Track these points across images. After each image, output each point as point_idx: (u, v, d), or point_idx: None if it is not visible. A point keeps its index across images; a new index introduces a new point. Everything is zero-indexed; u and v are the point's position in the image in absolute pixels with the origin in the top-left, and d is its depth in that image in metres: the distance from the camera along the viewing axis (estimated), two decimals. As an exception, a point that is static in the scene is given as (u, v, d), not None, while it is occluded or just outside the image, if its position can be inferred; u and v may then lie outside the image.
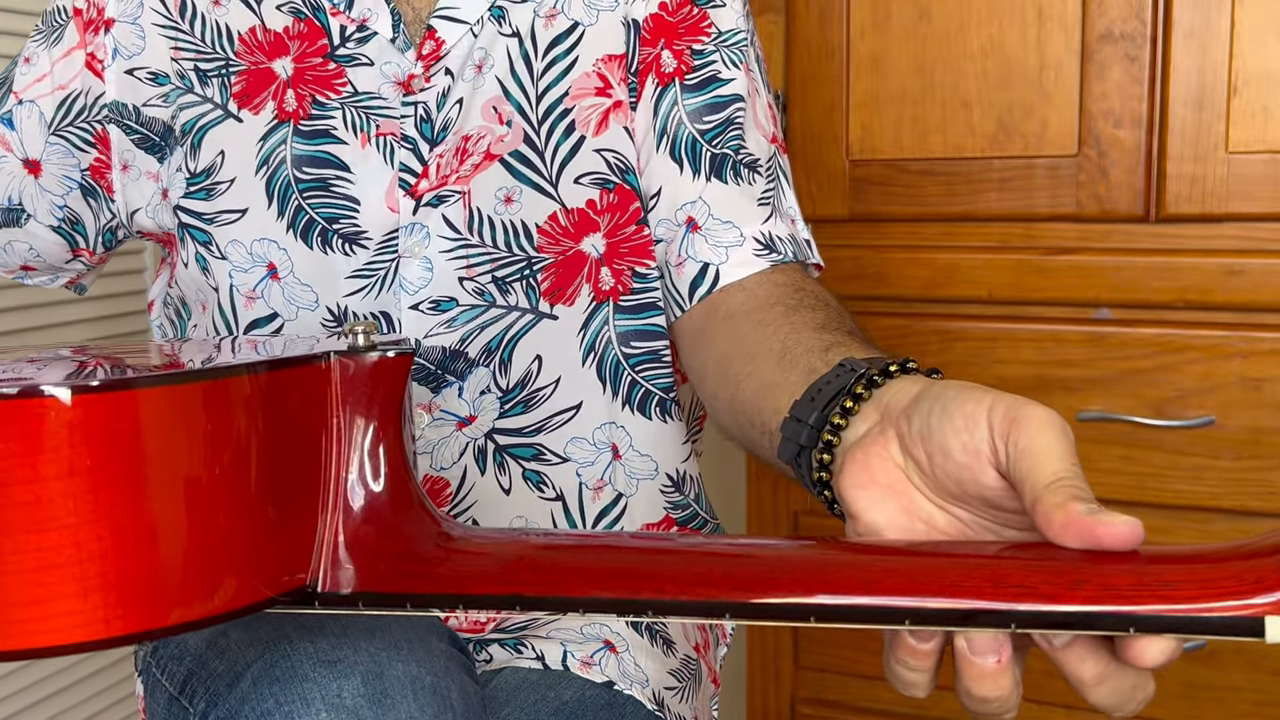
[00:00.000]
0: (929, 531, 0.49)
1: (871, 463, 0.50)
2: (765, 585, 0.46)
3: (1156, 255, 1.27)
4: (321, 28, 0.85)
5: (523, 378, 0.85)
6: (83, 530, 0.45)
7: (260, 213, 0.84)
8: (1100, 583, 0.42)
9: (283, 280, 0.84)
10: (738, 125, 0.86)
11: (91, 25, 0.87)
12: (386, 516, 0.53)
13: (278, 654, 0.63)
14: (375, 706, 0.61)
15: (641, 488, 0.90)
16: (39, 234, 0.91)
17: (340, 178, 0.83)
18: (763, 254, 0.83)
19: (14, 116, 0.89)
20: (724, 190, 0.84)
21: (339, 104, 0.83)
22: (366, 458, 0.54)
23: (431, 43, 0.83)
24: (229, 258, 0.85)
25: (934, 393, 0.48)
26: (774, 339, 0.69)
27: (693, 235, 0.84)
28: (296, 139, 0.83)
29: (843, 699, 1.48)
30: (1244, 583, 0.41)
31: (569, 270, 0.85)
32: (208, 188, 0.85)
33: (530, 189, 0.84)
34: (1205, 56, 1.22)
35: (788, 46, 1.41)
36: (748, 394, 0.68)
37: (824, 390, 0.55)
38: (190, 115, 0.85)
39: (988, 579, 0.43)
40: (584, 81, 0.85)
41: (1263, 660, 1.27)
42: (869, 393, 0.52)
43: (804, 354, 0.64)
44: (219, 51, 0.85)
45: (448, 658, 0.67)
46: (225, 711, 0.63)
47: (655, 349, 0.88)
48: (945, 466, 0.47)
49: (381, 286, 0.84)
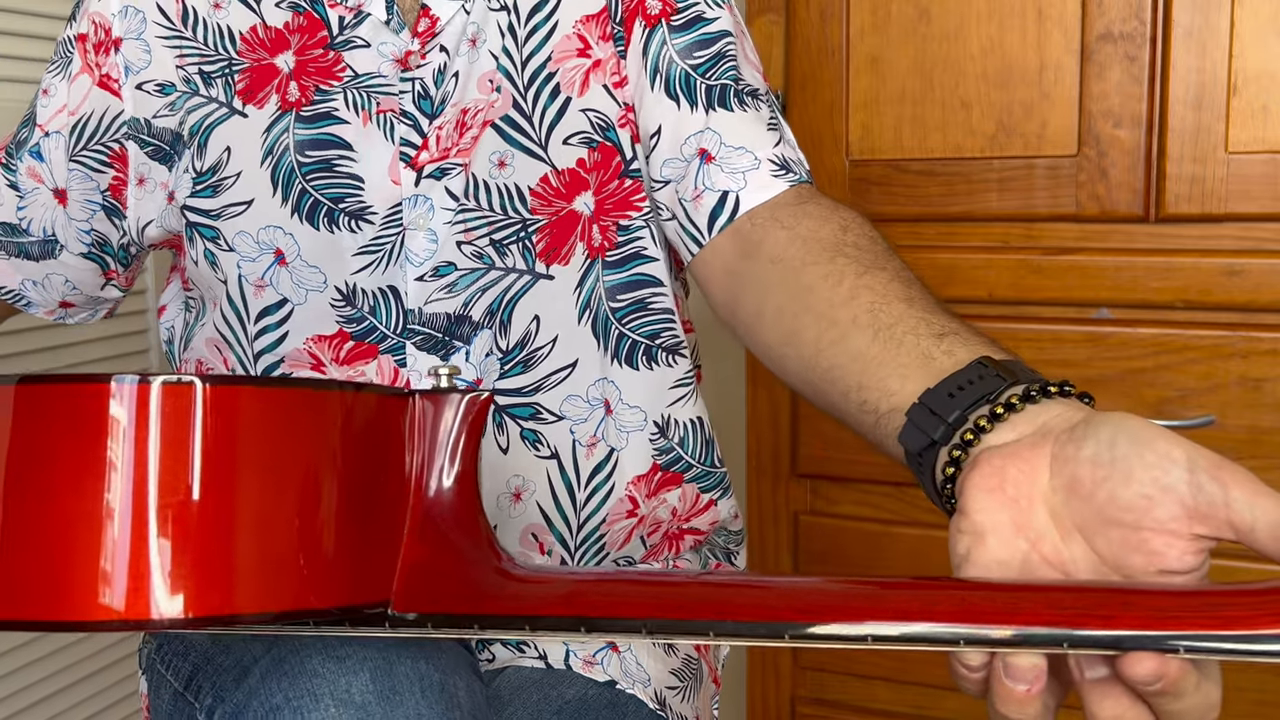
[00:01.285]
0: (1028, 550, 0.51)
1: (1008, 471, 0.51)
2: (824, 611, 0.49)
3: (1156, 255, 1.27)
4: (321, 19, 0.86)
5: (522, 338, 0.86)
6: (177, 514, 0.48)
7: (265, 201, 0.85)
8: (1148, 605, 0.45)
9: (290, 265, 0.85)
10: (730, 58, 0.86)
11: (101, 47, 0.88)
12: (459, 547, 0.56)
13: (285, 649, 0.63)
14: (384, 703, 0.61)
15: (631, 440, 0.90)
16: (72, 263, 0.93)
17: (344, 157, 0.84)
18: (780, 174, 0.82)
19: (42, 149, 0.91)
20: (731, 118, 0.84)
21: (340, 89, 0.85)
22: (444, 492, 0.57)
23: (426, 20, 0.85)
24: (236, 249, 0.86)
25: (1112, 422, 0.50)
26: (857, 305, 0.68)
27: (707, 166, 0.83)
28: (298, 125, 0.84)
29: (842, 699, 1.48)
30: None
31: (563, 230, 0.86)
32: (214, 184, 0.85)
33: (521, 153, 0.85)
34: (1205, 56, 1.22)
35: (788, 46, 1.41)
36: (835, 361, 0.68)
37: (966, 390, 0.56)
38: (197, 116, 0.86)
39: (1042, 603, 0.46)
40: (565, 44, 0.86)
41: (1262, 659, 1.27)
42: (1024, 406, 0.54)
43: (908, 334, 0.64)
44: (221, 52, 0.86)
45: (454, 655, 0.67)
46: (233, 706, 0.63)
47: (641, 298, 0.89)
48: (1118, 493, 0.49)
49: (388, 261, 0.85)
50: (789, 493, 1.48)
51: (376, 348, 0.85)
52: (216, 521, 0.48)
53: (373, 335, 0.85)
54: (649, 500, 0.90)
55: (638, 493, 0.90)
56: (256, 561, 0.49)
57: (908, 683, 1.44)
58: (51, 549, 0.47)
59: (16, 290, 0.95)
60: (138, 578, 0.47)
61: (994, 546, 0.51)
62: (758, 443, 1.50)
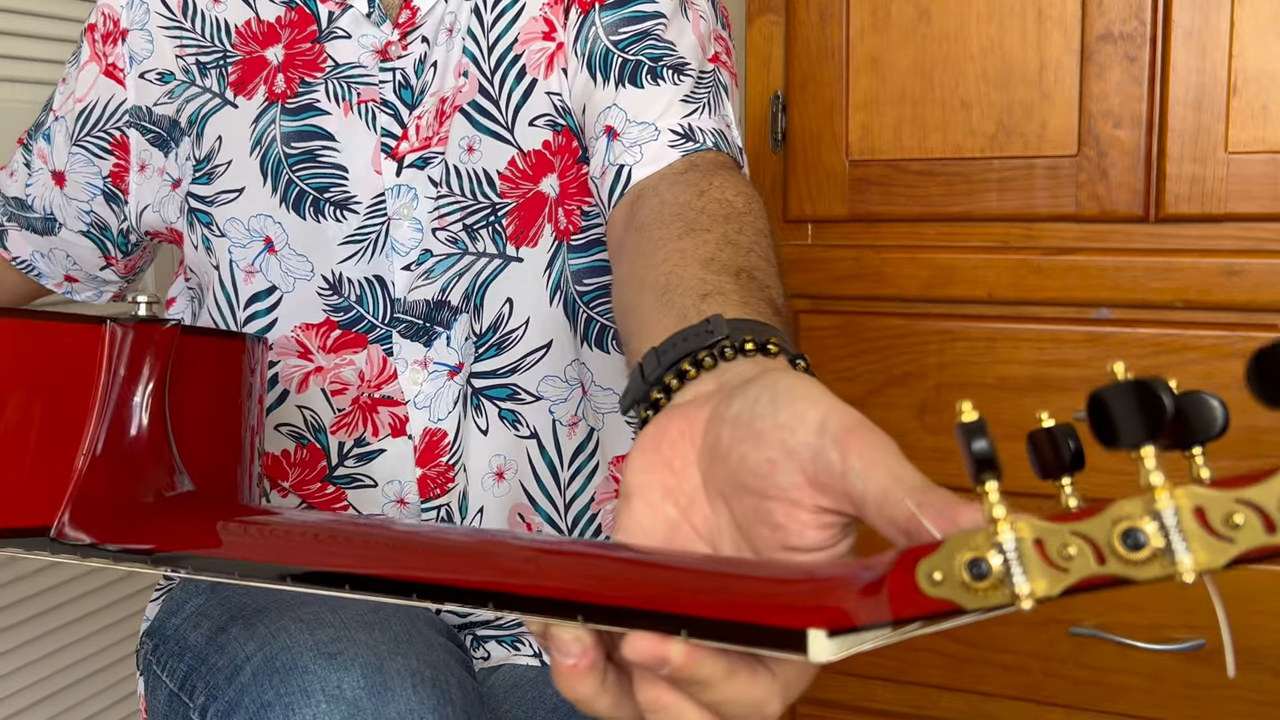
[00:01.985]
0: (678, 519, 0.46)
1: (668, 431, 0.47)
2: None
3: (1156, 255, 1.27)
4: (311, 14, 0.88)
5: (494, 321, 0.87)
6: None
7: (255, 190, 0.87)
8: (667, 584, 0.40)
9: (279, 253, 0.87)
10: (654, 35, 0.84)
11: (109, 38, 0.91)
12: (138, 475, 0.54)
13: (277, 647, 0.64)
14: (375, 699, 0.61)
15: (608, 421, 0.91)
16: (73, 240, 0.98)
17: (327, 147, 0.86)
18: (677, 143, 0.80)
19: (51, 132, 0.96)
20: (639, 94, 0.82)
21: (322, 80, 0.87)
22: (126, 419, 0.55)
23: (407, 12, 0.86)
24: (228, 235, 0.87)
25: (770, 380, 0.44)
26: (662, 267, 0.64)
27: (613, 142, 0.82)
28: (284, 117, 0.86)
29: (842, 699, 1.48)
30: (802, 595, 0.39)
31: (530, 212, 0.87)
32: (209, 172, 0.88)
33: (488, 137, 0.86)
34: (1205, 56, 1.22)
35: (788, 47, 1.41)
36: (628, 326, 0.64)
37: (678, 347, 0.51)
38: (194, 106, 0.89)
39: (581, 573, 0.42)
40: (532, 26, 0.87)
41: (1263, 660, 1.27)
42: (715, 363, 0.49)
43: (682, 295, 0.59)
44: (217, 44, 0.89)
45: (446, 652, 0.67)
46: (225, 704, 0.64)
47: (606, 283, 0.89)
48: (748, 456, 0.43)
49: (374, 250, 0.86)
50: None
51: (365, 337, 0.86)
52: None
53: (360, 324, 0.86)
54: None
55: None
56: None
57: (908, 683, 1.44)
58: None
59: (28, 260, 1.01)
60: None
61: (639, 510, 0.46)
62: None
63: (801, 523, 0.42)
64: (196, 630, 0.74)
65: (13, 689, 1.32)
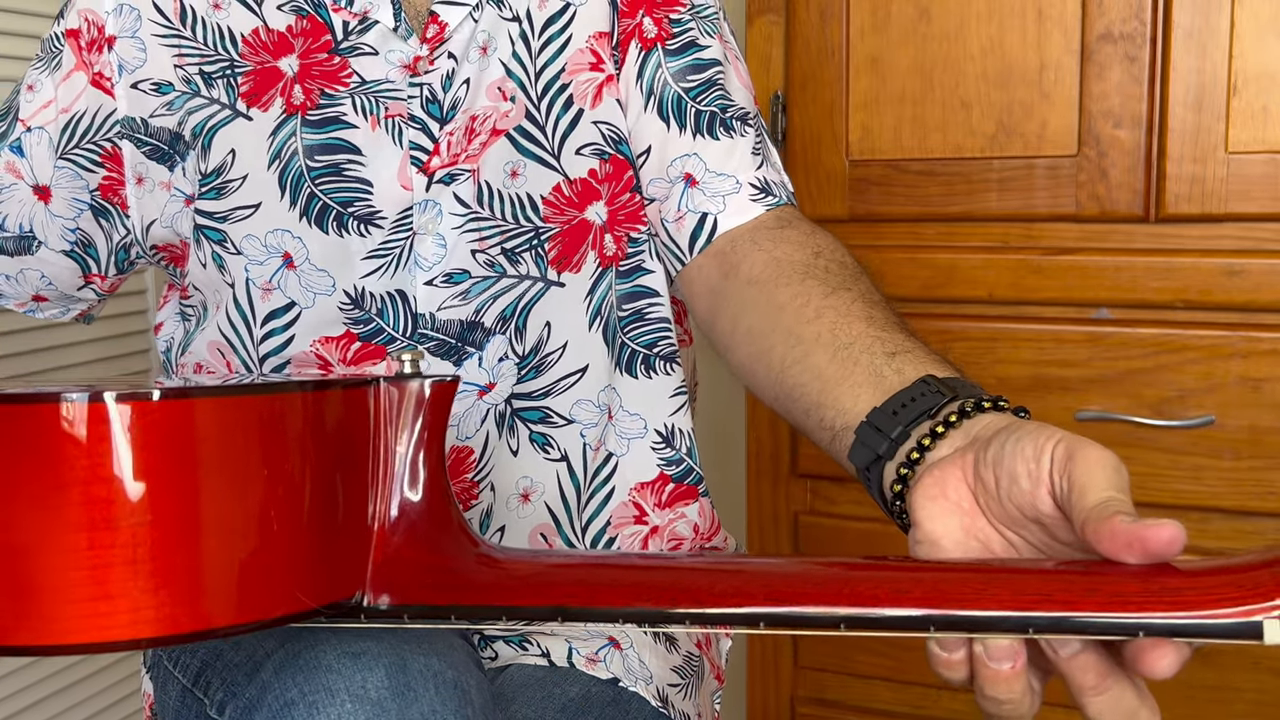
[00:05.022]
0: (982, 550, 0.53)
1: (947, 480, 0.54)
2: (796, 595, 0.49)
3: (1156, 255, 1.27)
4: (324, 24, 0.86)
5: (535, 344, 0.88)
6: (141, 532, 0.46)
7: (273, 205, 0.84)
8: (1110, 590, 0.45)
9: (298, 268, 0.85)
10: (719, 85, 0.89)
11: (94, 45, 0.87)
12: (428, 534, 0.56)
13: (300, 644, 0.63)
14: (399, 699, 0.60)
15: (632, 447, 0.91)
16: (51, 260, 0.91)
17: (353, 161, 0.84)
18: (759, 198, 0.86)
19: (23, 144, 0.89)
20: (717, 146, 0.87)
21: (347, 94, 0.85)
22: (409, 480, 0.56)
23: (435, 27, 0.85)
24: (244, 252, 0.85)
25: (1014, 426, 0.52)
26: (820, 324, 0.71)
27: (691, 190, 0.87)
28: (306, 129, 0.84)
29: (842, 699, 1.48)
30: (1243, 589, 0.44)
31: (574, 239, 0.88)
32: (218, 187, 0.85)
33: (534, 162, 0.86)
34: (1205, 56, 1.22)
35: (788, 46, 1.41)
36: (798, 380, 0.71)
37: (909, 407, 0.59)
38: (199, 118, 0.85)
39: (1007, 588, 0.47)
40: (579, 57, 0.88)
41: (1263, 660, 1.27)
42: (961, 422, 0.56)
43: (863, 353, 0.67)
44: (222, 53, 0.86)
45: (464, 653, 0.67)
46: (246, 701, 0.63)
47: (639, 308, 0.91)
48: (1010, 491, 0.51)
49: (397, 265, 0.85)
50: (789, 493, 1.48)
51: (384, 349, 0.85)
52: (182, 537, 0.47)
53: (380, 337, 0.85)
54: (661, 511, 0.91)
55: (644, 500, 0.91)
56: (226, 574, 0.48)
57: (908, 683, 1.44)
58: (16, 573, 0.46)
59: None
60: (105, 599, 0.46)
61: (950, 550, 0.53)
62: (757, 443, 1.50)
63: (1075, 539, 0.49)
64: None
65: (13, 689, 1.31)
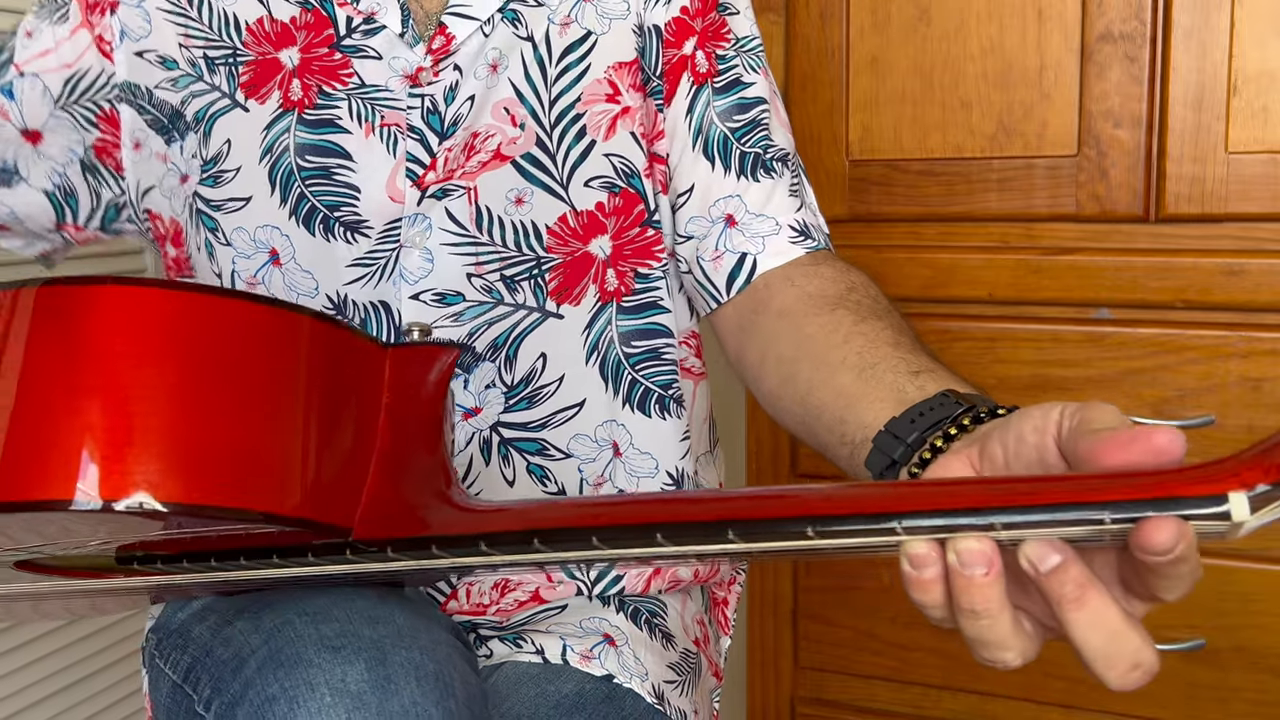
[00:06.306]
0: None
1: (951, 465, 0.54)
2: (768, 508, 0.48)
3: (1156, 255, 1.27)
4: (328, 17, 0.85)
5: (527, 374, 0.87)
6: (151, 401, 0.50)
7: (264, 200, 0.84)
8: (1075, 482, 0.44)
9: (284, 266, 0.85)
10: (764, 125, 0.89)
11: (96, 7, 0.87)
12: (422, 485, 0.57)
13: (282, 640, 0.63)
14: (379, 692, 0.61)
15: (642, 485, 0.90)
16: (27, 197, 0.90)
17: (343, 166, 0.84)
18: (798, 240, 0.87)
19: (14, 88, 0.88)
20: (758, 188, 0.88)
21: (345, 95, 0.84)
22: (413, 435, 0.58)
23: (442, 38, 0.84)
24: (233, 244, 0.85)
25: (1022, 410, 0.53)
26: (848, 348, 0.73)
27: (730, 230, 0.87)
28: (300, 128, 0.84)
29: (842, 699, 1.48)
30: (1209, 471, 0.42)
31: (576, 271, 0.87)
32: (215, 175, 0.85)
33: (541, 190, 0.85)
34: (1205, 56, 1.22)
35: (788, 46, 1.41)
36: (822, 399, 0.72)
37: (926, 415, 0.60)
38: (201, 104, 0.85)
39: (975, 490, 0.46)
40: (595, 88, 0.86)
41: (1262, 660, 1.27)
42: (974, 427, 0.57)
43: (888, 372, 0.68)
44: (226, 40, 0.86)
45: (450, 647, 0.67)
46: (230, 697, 0.63)
47: (655, 347, 0.90)
48: (1017, 451, 0.50)
49: (381, 276, 0.84)
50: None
51: None
52: (190, 415, 0.50)
53: None
54: None
55: None
56: (229, 458, 0.51)
57: (908, 683, 1.44)
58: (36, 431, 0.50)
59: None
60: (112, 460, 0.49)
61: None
62: (758, 443, 1.50)
63: None
64: (202, 624, 0.73)
65: (17, 686, 1.32)
